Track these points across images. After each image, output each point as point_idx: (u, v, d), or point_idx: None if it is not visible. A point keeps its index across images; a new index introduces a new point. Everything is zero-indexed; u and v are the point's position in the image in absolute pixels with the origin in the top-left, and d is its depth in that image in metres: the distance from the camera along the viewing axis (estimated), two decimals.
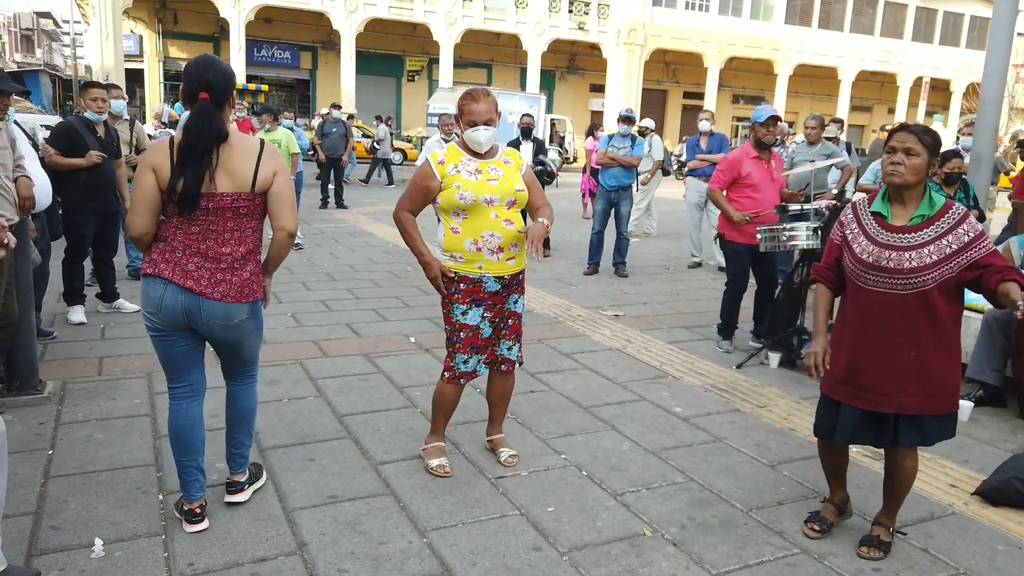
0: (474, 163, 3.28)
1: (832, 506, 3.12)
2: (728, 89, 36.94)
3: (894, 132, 2.76)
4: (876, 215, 2.82)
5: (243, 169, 2.71)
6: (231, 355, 2.97)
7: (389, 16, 29.62)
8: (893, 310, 2.72)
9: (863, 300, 2.80)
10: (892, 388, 2.76)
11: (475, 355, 3.39)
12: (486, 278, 3.29)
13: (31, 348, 4.18)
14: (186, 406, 2.90)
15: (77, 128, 5.56)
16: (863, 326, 2.80)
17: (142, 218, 2.69)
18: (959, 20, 38.86)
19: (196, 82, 2.70)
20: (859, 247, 2.79)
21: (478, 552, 2.84)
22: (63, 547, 2.75)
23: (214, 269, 2.72)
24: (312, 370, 4.79)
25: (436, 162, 3.28)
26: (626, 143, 8.40)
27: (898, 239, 2.73)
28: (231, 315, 2.78)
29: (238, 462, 3.12)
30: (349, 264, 8.43)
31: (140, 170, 2.69)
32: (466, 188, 3.20)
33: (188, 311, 2.73)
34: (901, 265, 2.68)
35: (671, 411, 4.40)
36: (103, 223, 5.79)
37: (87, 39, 33.45)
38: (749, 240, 5.45)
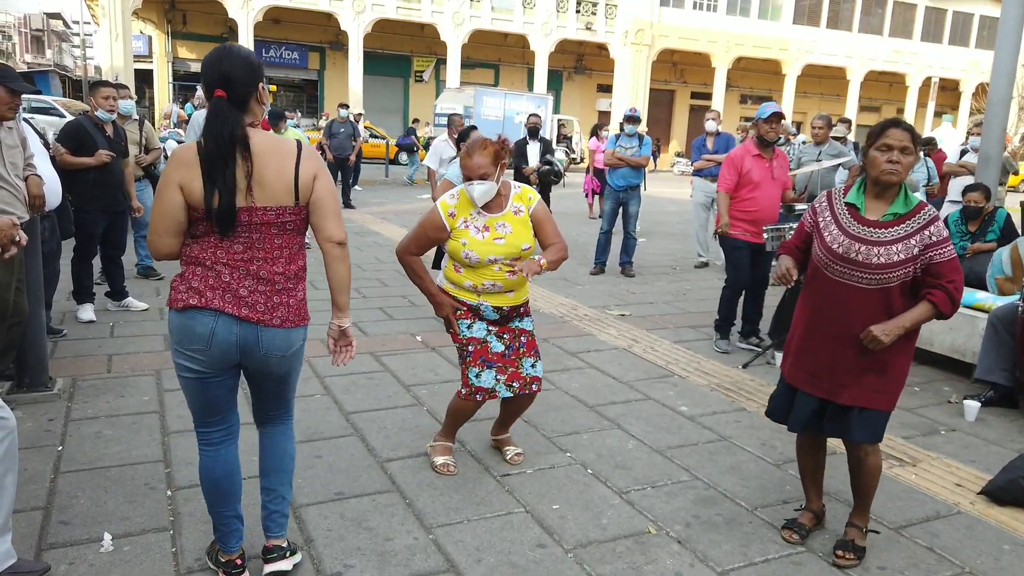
0: (483, 219, 3.26)
1: (810, 513, 3.09)
2: (736, 89, 36.84)
3: (886, 128, 2.70)
4: (850, 206, 2.81)
5: (282, 177, 2.30)
6: (276, 392, 2.56)
7: (397, 17, 29.65)
8: (853, 303, 2.73)
9: (826, 289, 2.80)
10: (849, 379, 2.76)
11: (487, 369, 3.35)
12: (484, 306, 3.33)
13: (41, 345, 4.22)
14: (224, 451, 2.53)
15: (86, 127, 5.61)
16: (821, 314, 2.82)
17: (163, 239, 2.30)
18: (968, 20, 38.65)
19: (212, 76, 2.28)
20: (830, 236, 2.79)
21: (483, 549, 2.86)
22: (72, 541, 2.78)
23: (269, 292, 2.34)
24: (319, 368, 4.82)
25: (446, 214, 3.26)
26: (633, 143, 8.41)
27: (869, 233, 2.72)
28: (291, 342, 2.42)
29: (279, 522, 2.63)
30: (356, 263, 8.45)
31: (164, 185, 2.27)
32: (472, 248, 3.21)
33: (243, 345, 2.34)
34: (869, 259, 2.68)
35: (677, 410, 4.41)
36: (112, 222, 5.83)
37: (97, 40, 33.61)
38: (747, 236, 5.44)
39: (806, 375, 2.86)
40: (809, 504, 3.10)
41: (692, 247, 10.03)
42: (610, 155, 8.47)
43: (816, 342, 2.83)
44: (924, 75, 37.82)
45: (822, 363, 2.81)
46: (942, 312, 2.68)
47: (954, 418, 4.48)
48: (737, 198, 5.45)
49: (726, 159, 5.66)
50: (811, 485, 3.09)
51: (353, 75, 29.03)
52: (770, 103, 5.55)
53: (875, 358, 2.73)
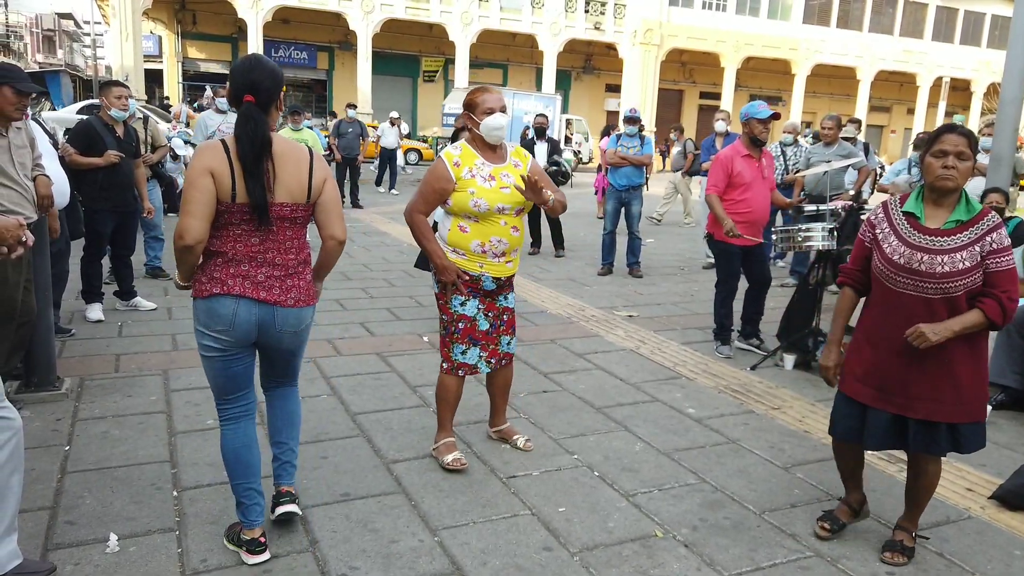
0: (488, 167, 3.30)
1: (847, 507, 3.08)
2: (745, 89, 36.70)
3: (942, 133, 2.67)
4: (908, 215, 2.75)
5: (298, 178, 2.60)
6: (285, 364, 2.84)
7: (405, 16, 29.68)
8: (922, 314, 2.67)
9: (892, 302, 2.74)
10: (926, 393, 2.70)
11: (473, 347, 3.44)
12: (485, 277, 3.37)
13: (49, 345, 4.23)
14: (244, 424, 2.77)
15: (96, 128, 5.63)
16: (890, 329, 2.74)
17: (199, 222, 2.46)
18: (980, 19, 38.41)
19: (242, 84, 2.54)
20: (890, 247, 2.73)
21: (489, 551, 2.84)
22: (78, 542, 2.78)
23: (283, 276, 2.63)
24: (326, 368, 4.82)
25: (451, 163, 3.29)
26: (635, 143, 8.39)
27: (931, 241, 2.67)
28: (302, 319, 2.71)
29: (289, 471, 2.95)
30: (364, 263, 8.46)
31: (197, 173, 2.46)
32: (480, 196, 3.24)
33: (262, 324, 2.62)
34: (933, 269, 2.63)
35: (684, 412, 4.38)
36: (121, 222, 5.85)
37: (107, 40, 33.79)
38: (739, 240, 5.35)
39: (874, 391, 2.79)
40: (848, 497, 3.07)
41: (700, 248, 9.99)
42: (612, 154, 8.45)
43: (884, 356, 2.76)
44: (935, 75, 37.61)
45: (893, 377, 2.75)
46: (992, 320, 2.63)
47: None
48: (730, 200, 5.33)
49: (715, 160, 5.54)
50: (851, 480, 3.08)
51: (362, 75, 29.08)
52: (763, 103, 5.44)
53: (946, 370, 2.68)
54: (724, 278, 5.58)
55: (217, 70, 30.47)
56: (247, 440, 2.76)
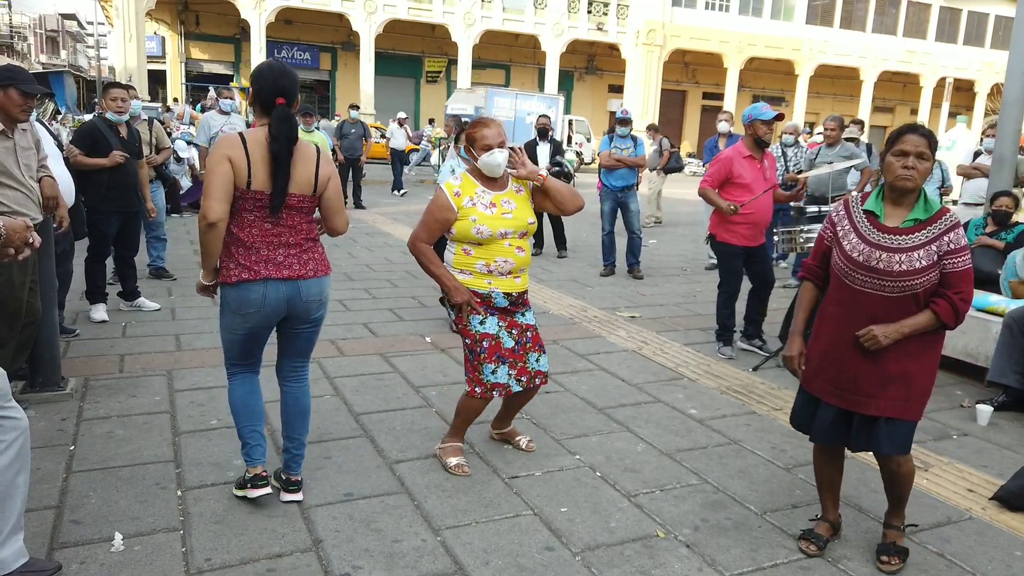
0: (488, 195, 3.35)
1: (826, 523, 3.01)
2: (748, 90, 36.70)
3: (903, 133, 2.68)
4: (869, 214, 2.77)
5: (306, 173, 2.92)
6: (308, 337, 3.12)
7: (408, 17, 29.73)
8: (879, 312, 2.68)
9: (849, 299, 2.75)
10: (875, 390, 2.71)
11: (502, 364, 3.40)
12: (495, 293, 3.38)
13: (54, 345, 4.25)
14: (250, 378, 3.12)
15: (100, 129, 5.65)
16: (847, 325, 2.75)
17: (221, 204, 2.77)
18: (984, 20, 38.37)
19: (272, 89, 2.86)
20: (849, 245, 2.74)
21: (491, 551, 2.86)
22: (84, 541, 2.80)
23: (299, 253, 2.94)
24: (329, 369, 4.83)
25: (452, 193, 3.33)
26: (627, 144, 8.41)
27: (889, 240, 2.68)
28: (323, 287, 3.03)
29: (298, 462, 3.18)
30: (367, 264, 8.48)
31: (216, 160, 2.78)
32: (483, 223, 3.28)
33: (290, 299, 2.92)
34: (891, 267, 2.64)
35: (686, 413, 4.39)
36: (125, 222, 5.87)
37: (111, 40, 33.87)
38: (741, 240, 5.36)
39: (829, 386, 2.80)
40: (826, 514, 3.02)
41: (703, 249, 10.00)
42: (606, 156, 8.45)
43: (841, 352, 2.77)
44: (938, 75, 37.56)
45: (847, 374, 2.75)
46: (944, 322, 2.65)
47: (966, 422, 4.44)
48: (733, 200, 5.32)
49: (716, 159, 5.54)
50: (828, 495, 3.02)
51: (364, 75, 29.13)
52: (765, 105, 5.44)
53: (900, 367, 2.68)
54: (726, 279, 5.58)
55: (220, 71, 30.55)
56: (252, 389, 3.12)
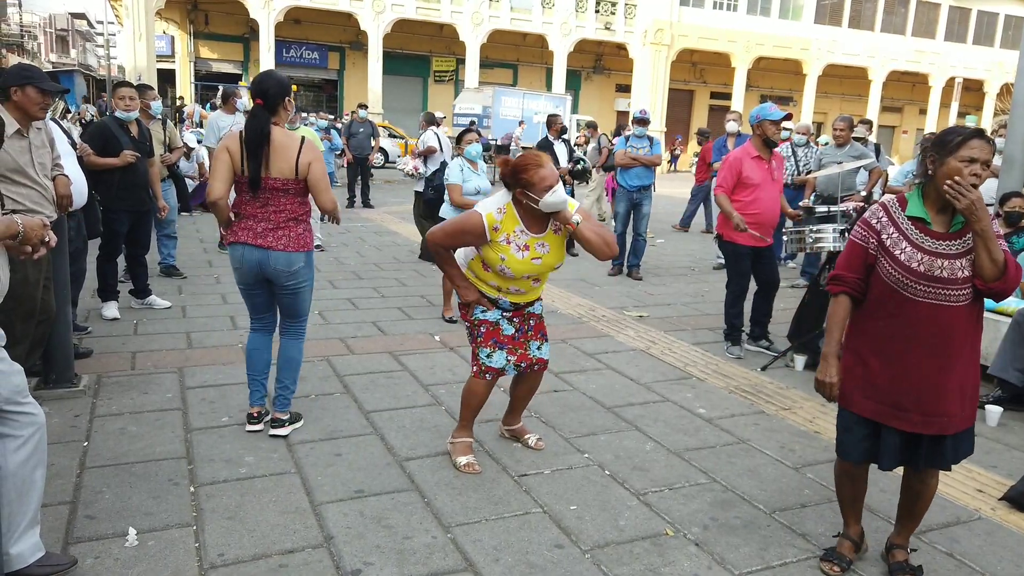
0: (526, 237, 3.29)
1: (849, 541, 2.89)
2: (756, 89, 36.58)
3: (969, 138, 2.49)
4: (915, 220, 2.60)
5: (286, 161, 3.47)
6: (290, 303, 3.72)
7: (416, 17, 29.73)
8: (945, 322, 2.54)
9: (909, 312, 2.57)
10: (936, 407, 2.58)
11: (499, 349, 3.46)
12: (503, 301, 3.46)
13: (67, 343, 4.29)
14: (260, 336, 3.84)
15: (111, 128, 5.69)
16: (908, 342, 2.58)
17: (222, 184, 3.48)
18: (993, 19, 38.14)
19: (255, 91, 3.50)
20: (904, 255, 2.57)
21: (501, 548, 2.88)
22: (98, 536, 2.83)
23: (275, 229, 3.53)
24: (339, 367, 4.86)
25: (491, 227, 3.25)
26: (644, 144, 8.41)
27: (946, 246, 2.55)
28: (292, 262, 3.58)
29: (281, 402, 3.80)
30: (375, 263, 8.51)
31: (219, 150, 3.49)
32: (510, 264, 3.28)
33: (261, 263, 3.56)
34: (955, 274, 2.52)
35: (695, 412, 4.40)
36: (136, 221, 5.91)
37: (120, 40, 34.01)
38: (749, 240, 5.37)
39: (889, 408, 2.63)
40: (848, 530, 2.90)
41: (710, 248, 9.99)
42: (622, 155, 8.43)
43: (898, 370, 2.60)
44: (947, 75, 37.36)
45: (909, 393, 2.59)
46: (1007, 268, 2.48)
47: (976, 423, 4.43)
48: (739, 201, 5.34)
49: (724, 161, 5.55)
50: (852, 510, 2.90)
51: (372, 75, 29.15)
52: (772, 105, 5.44)
53: (959, 379, 2.59)
54: (734, 278, 5.59)
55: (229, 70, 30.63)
56: (259, 346, 3.83)
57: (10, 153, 3.67)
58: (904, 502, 2.84)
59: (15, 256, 2.42)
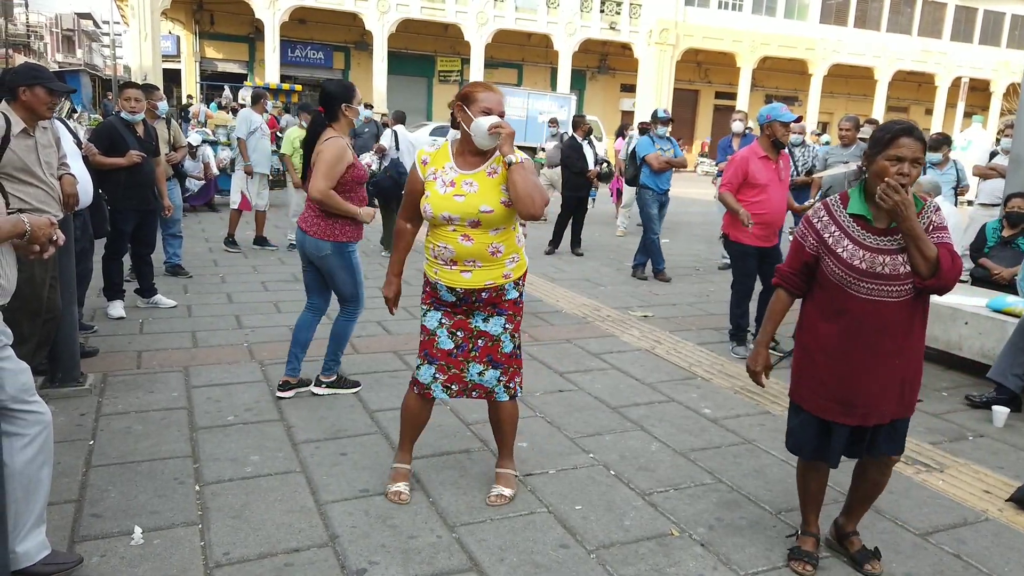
0: (453, 173, 2.99)
1: (812, 538, 2.90)
2: (761, 89, 36.53)
3: (898, 136, 2.49)
4: (856, 217, 2.61)
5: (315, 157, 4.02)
6: (333, 286, 4.26)
7: (421, 17, 29.76)
8: (888, 317, 2.56)
9: (854, 309, 2.59)
10: (879, 399, 2.62)
11: (429, 364, 3.12)
12: (439, 286, 3.07)
13: (73, 342, 4.30)
14: (306, 314, 4.35)
15: (117, 128, 5.71)
16: (854, 338, 2.60)
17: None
18: (1000, 19, 38.01)
19: (320, 100, 4.14)
20: (846, 252, 2.58)
21: (506, 548, 2.87)
22: (104, 534, 2.83)
23: (314, 217, 4.10)
24: (344, 366, 4.85)
25: (420, 161, 3.08)
26: (668, 145, 8.39)
27: (887, 242, 2.56)
28: (319, 248, 4.10)
29: (325, 366, 4.38)
30: (380, 263, 8.51)
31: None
32: (429, 201, 2.98)
33: (301, 244, 4.18)
34: (897, 270, 2.53)
35: (700, 412, 4.39)
36: (142, 220, 5.93)
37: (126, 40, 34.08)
38: (755, 241, 5.36)
39: (838, 405, 2.66)
40: (809, 528, 2.91)
41: (716, 248, 9.98)
42: (657, 158, 8.29)
43: (845, 367, 2.63)
44: (953, 75, 37.25)
45: (854, 388, 2.63)
46: (941, 265, 2.48)
47: (982, 424, 4.42)
48: (745, 202, 5.32)
49: (731, 160, 5.53)
50: (814, 508, 2.91)
51: (377, 75, 29.18)
52: (783, 106, 5.42)
53: (902, 374, 2.62)
54: (739, 279, 5.58)
55: (234, 70, 30.68)
56: (303, 324, 4.33)
57: (16, 152, 3.68)
58: (859, 490, 2.87)
59: (23, 255, 2.43)
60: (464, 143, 3.02)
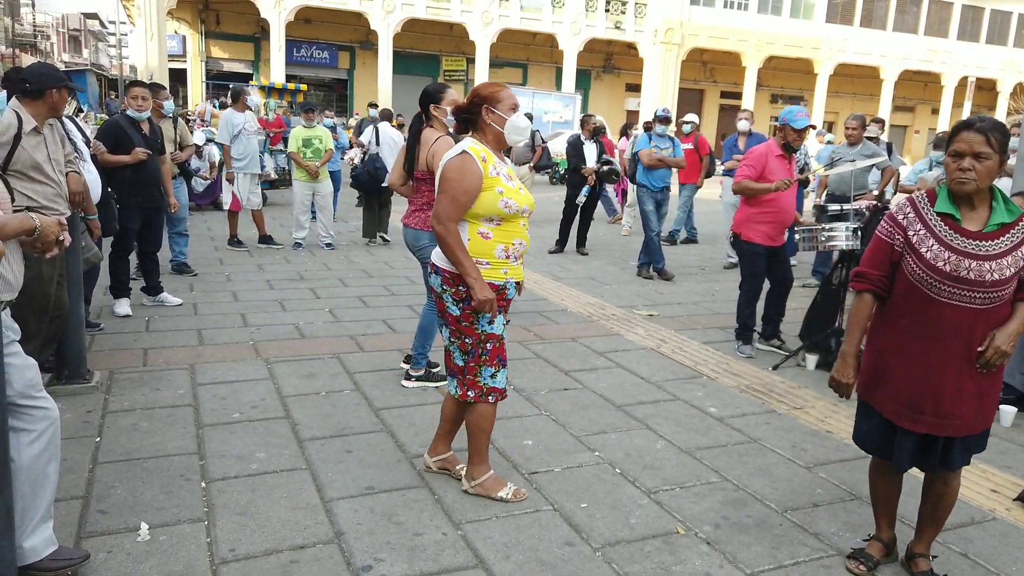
0: (504, 167, 3.05)
1: (880, 544, 2.83)
2: (766, 89, 36.48)
3: (958, 131, 2.44)
4: (945, 216, 2.50)
5: (422, 157, 4.23)
6: (425, 277, 4.15)
7: (426, 16, 29.80)
8: (966, 325, 2.46)
9: (932, 312, 2.49)
10: (954, 409, 2.52)
11: (502, 368, 3.14)
12: (509, 284, 3.09)
13: (80, 339, 4.32)
14: (425, 308, 4.56)
15: (123, 126, 5.72)
16: (929, 342, 2.51)
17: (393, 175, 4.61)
18: (1007, 18, 37.88)
19: (421, 101, 4.35)
20: (930, 253, 2.47)
21: (511, 545, 2.87)
22: (110, 530, 2.84)
23: (414, 211, 4.34)
24: (349, 364, 4.87)
25: (479, 159, 2.96)
26: (667, 143, 8.37)
27: (977, 246, 2.44)
28: (417, 238, 4.30)
29: (414, 360, 4.52)
30: (385, 261, 8.52)
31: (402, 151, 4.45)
32: (510, 196, 2.97)
33: (405, 238, 4.43)
34: (983, 277, 2.41)
35: (706, 411, 4.38)
36: (148, 218, 5.94)
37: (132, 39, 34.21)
38: (765, 240, 5.37)
39: (906, 409, 2.57)
40: (880, 533, 2.84)
41: (721, 247, 9.96)
42: (649, 155, 8.34)
43: (917, 371, 2.54)
44: (960, 74, 37.14)
45: (927, 395, 2.53)
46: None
47: None
48: (758, 200, 5.34)
49: (749, 154, 5.55)
50: (885, 513, 2.83)
51: (383, 74, 29.23)
52: (802, 111, 5.43)
53: (981, 384, 2.52)
54: (749, 278, 5.58)
55: (240, 69, 30.75)
56: (423, 320, 4.51)
57: (27, 149, 3.69)
58: (926, 506, 2.79)
59: (29, 253, 2.43)
60: (491, 141, 3.07)
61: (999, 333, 2.47)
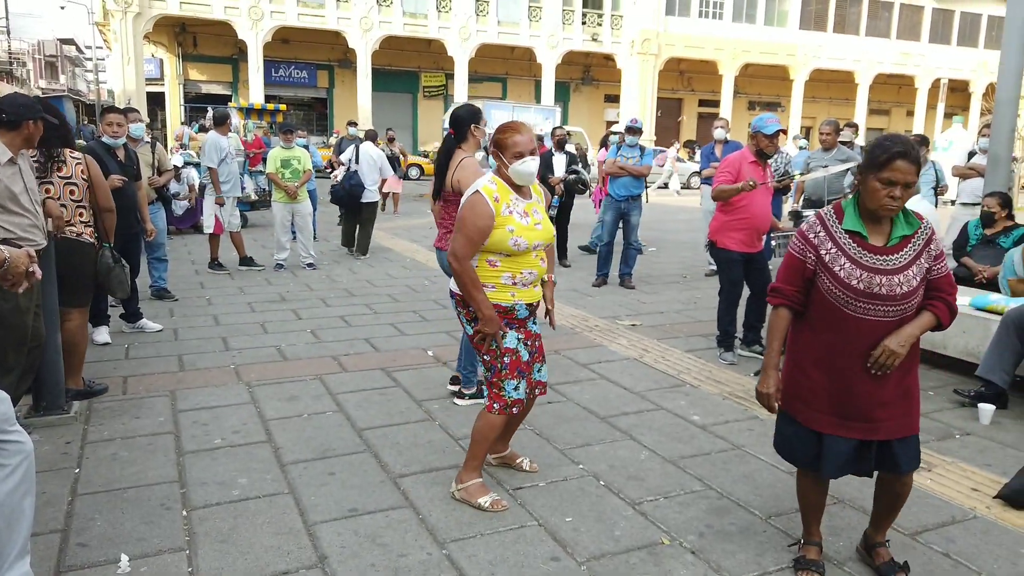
0: (521, 204, 3.20)
1: (816, 547, 2.87)
2: (744, 96, 36.86)
3: (893, 159, 2.44)
4: (852, 234, 2.57)
5: (450, 176, 4.36)
6: None
7: (404, 33, 29.92)
8: (883, 335, 2.54)
9: (849, 328, 2.56)
10: (882, 415, 2.59)
11: (522, 379, 3.28)
12: (519, 305, 3.24)
13: (57, 369, 4.27)
14: None
15: (98, 152, 5.69)
16: (847, 356, 2.57)
17: None
18: (976, 20, 38.53)
19: (452, 122, 4.45)
20: (843, 271, 2.53)
21: (496, 563, 2.86)
22: (90, 563, 2.81)
23: (446, 232, 4.37)
24: (331, 385, 4.85)
25: (491, 199, 3.12)
26: (635, 153, 8.44)
27: (883, 261, 2.52)
28: (440, 255, 4.52)
29: (465, 380, 4.58)
30: (367, 279, 8.50)
31: None
32: (520, 234, 3.13)
33: (440, 261, 4.66)
34: (893, 291, 2.50)
35: (689, 419, 4.40)
36: (125, 245, 5.89)
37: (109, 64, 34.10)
38: (740, 247, 5.42)
39: (836, 419, 2.62)
40: (812, 537, 2.88)
41: (702, 255, 10.02)
42: (611, 164, 8.44)
43: (840, 383, 2.59)
44: (933, 77, 37.70)
45: (854, 403, 2.59)
46: (942, 323, 2.60)
47: (969, 422, 4.45)
48: (732, 207, 5.39)
49: (724, 162, 5.61)
50: (815, 517, 2.88)
51: (362, 92, 29.28)
52: (772, 117, 5.50)
53: (901, 385, 2.59)
54: (727, 286, 5.61)
55: (219, 91, 30.70)
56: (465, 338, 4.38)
57: (3, 180, 3.67)
58: (883, 503, 2.82)
59: None
60: (508, 178, 3.23)
61: (893, 335, 2.53)
